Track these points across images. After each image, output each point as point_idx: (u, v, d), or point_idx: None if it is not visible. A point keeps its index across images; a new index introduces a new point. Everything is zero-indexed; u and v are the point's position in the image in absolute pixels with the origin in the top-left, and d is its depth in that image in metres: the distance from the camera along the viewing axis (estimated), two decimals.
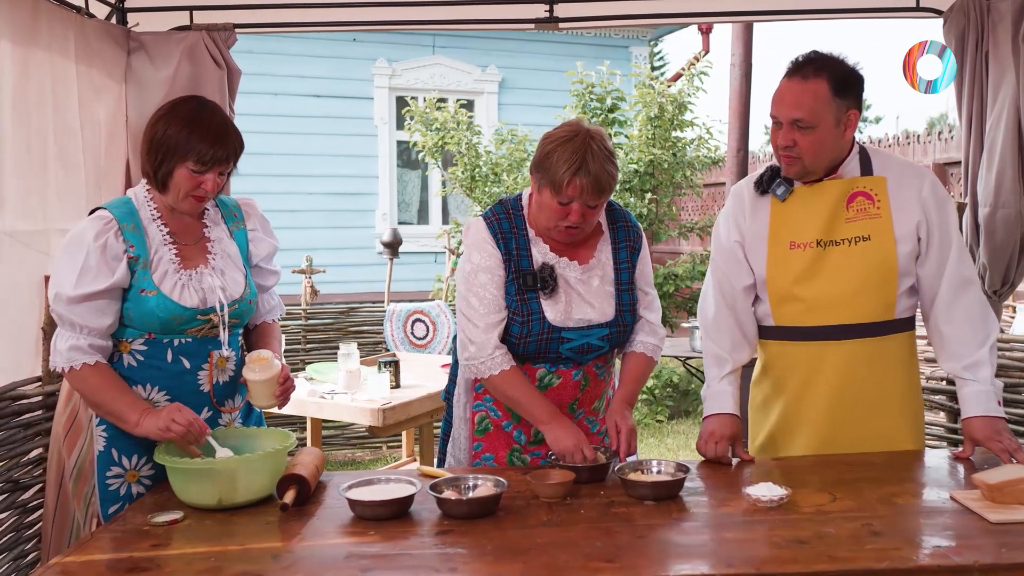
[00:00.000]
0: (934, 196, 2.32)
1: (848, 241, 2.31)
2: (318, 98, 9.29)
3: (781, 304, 2.37)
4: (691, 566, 1.66)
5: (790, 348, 2.39)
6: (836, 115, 2.24)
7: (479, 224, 2.36)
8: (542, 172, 2.22)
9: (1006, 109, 2.86)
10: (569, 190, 2.18)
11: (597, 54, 9.40)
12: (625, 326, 2.38)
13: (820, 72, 2.23)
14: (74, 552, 1.82)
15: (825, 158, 2.30)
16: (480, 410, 2.41)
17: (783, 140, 2.27)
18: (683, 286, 7.35)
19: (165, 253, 2.17)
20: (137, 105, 3.09)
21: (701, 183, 8.30)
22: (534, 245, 2.33)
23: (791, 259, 2.34)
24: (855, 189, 2.32)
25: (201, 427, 2.10)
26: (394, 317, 5.82)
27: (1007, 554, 1.67)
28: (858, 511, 1.91)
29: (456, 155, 7.49)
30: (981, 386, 2.27)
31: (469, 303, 2.31)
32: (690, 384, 7.47)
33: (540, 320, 2.28)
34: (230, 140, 2.17)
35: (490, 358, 2.28)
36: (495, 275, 2.30)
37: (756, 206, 2.42)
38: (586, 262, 2.35)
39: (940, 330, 2.34)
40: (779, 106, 2.27)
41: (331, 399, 4.01)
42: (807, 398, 2.37)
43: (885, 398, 2.34)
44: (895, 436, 2.36)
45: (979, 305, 2.33)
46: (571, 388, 2.36)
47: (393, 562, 1.72)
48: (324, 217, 9.00)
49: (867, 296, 2.30)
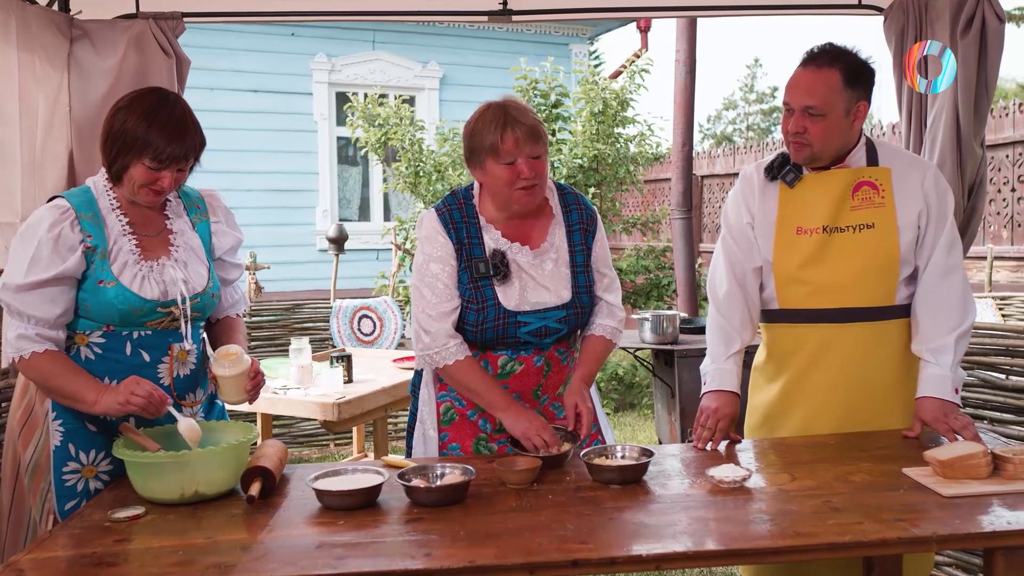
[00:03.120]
0: (936, 187, 2.40)
1: (853, 228, 2.38)
2: (256, 93, 9.15)
3: (786, 287, 2.44)
4: (663, 545, 1.69)
5: (793, 330, 2.46)
6: (846, 105, 2.32)
7: (431, 215, 2.38)
8: (476, 150, 2.27)
9: (946, 106, 2.97)
10: (506, 145, 2.22)
11: (538, 51, 9.46)
12: (582, 307, 2.40)
13: (834, 63, 2.30)
14: (33, 550, 1.77)
15: (833, 146, 2.37)
16: (445, 400, 2.42)
17: (794, 126, 2.34)
18: (627, 280, 7.44)
19: (125, 244, 2.13)
20: (81, 95, 2.99)
21: (643, 179, 8.42)
22: (486, 232, 2.35)
23: (798, 244, 2.41)
24: (861, 179, 2.40)
25: (161, 396, 2.05)
26: (340, 313, 5.77)
27: (961, 525, 1.75)
28: (817, 489, 1.97)
29: (399, 151, 7.45)
30: (940, 370, 2.35)
31: (422, 294, 2.32)
32: (635, 377, 7.56)
33: (495, 306, 2.30)
34: (188, 137, 2.11)
35: (444, 348, 2.29)
36: (447, 265, 2.32)
37: (765, 191, 2.48)
38: (537, 246, 2.38)
39: (917, 314, 2.42)
40: (792, 93, 2.34)
41: (284, 395, 3.96)
42: (807, 379, 2.44)
43: (883, 381, 2.42)
44: (887, 421, 2.43)
45: (958, 294, 2.40)
46: (534, 374, 2.38)
47: (366, 550, 1.72)
48: (263, 214, 8.86)
49: (869, 282, 2.38)
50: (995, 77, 3.00)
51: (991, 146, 7.24)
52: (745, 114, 33.52)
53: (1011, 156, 7.33)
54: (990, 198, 7.45)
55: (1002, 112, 7.32)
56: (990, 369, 3.27)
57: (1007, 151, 7.35)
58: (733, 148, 10.64)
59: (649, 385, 7.25)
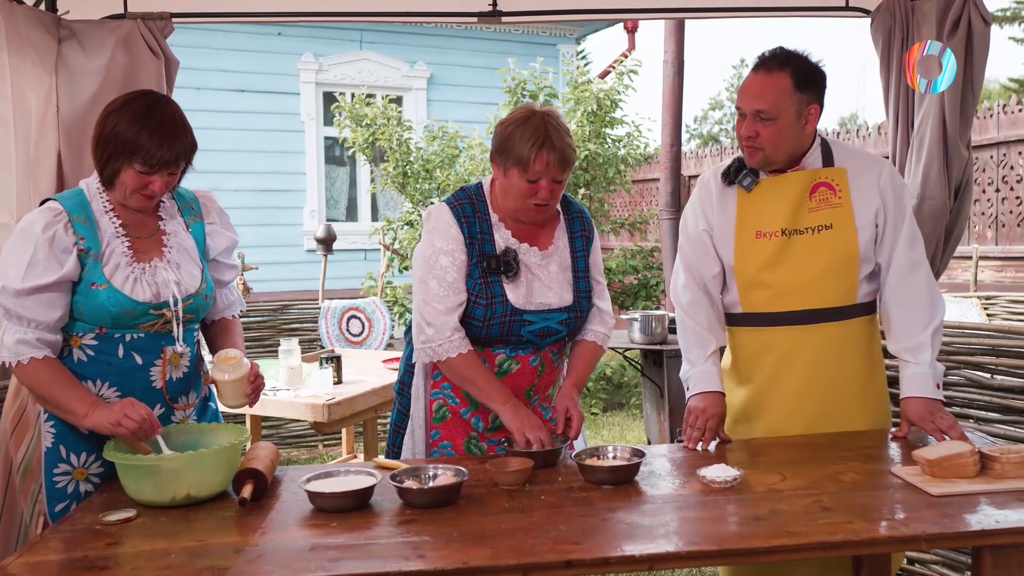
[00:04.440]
0: (891, 184, 2.42)
1: (811, 230, 2.39)
2: (243, 93, 9.11)
3: (749, 291, 2.45)
4: (656, 545, 1.70)
5: (758, 334, 2.47)
6: (797, 108, 2.33)
7: (443, 209, 2.37)
8: (506, 154, 2.26)
9: (933, 107, 2.99)
10: (536, 165, 2.22)
11: (526, 51, 9.46)
12: (582, 311, 2.43)
13: (784, 66, 2.31)
14: (24, 554, 1.76)
15: (786, 149, 2.37)
16: (438, 398, 2.42)
17: (746, 131, 2.35)
18: (615, 280, 7.46)
19: (117, 246, 2.12)
20: (69, 96, 2.97)
21: (631, 179, 8.44)
22: (496, 230, 2.36)
23: (757, 247, 2.42)
24: (817, 180, 2.41)
25: (153, 424, 2.04)
26: (329, 314, 5.76)
27: (950, 523, 1.76)
28: (808, 489, 1.99)
29: (387, 151, 7.44)
30: (921, 368, 2.37)
31: (428, 286, 2.32)
32: (623, 377, 7.58)
33: (503, 303, 2.31)
34: (179, 141, 2.10)
35: (448, 340, 2.30)
36: (456, 259, 2.32)
37: (723, 196, 2.49)
38: (545, 248, 2.40)
39: (888, 313, 2.44)
40: (744, 97, 2.35)
41: (273, 396, 3.95)
42: (774, 382, 2.44)
43: (848, 380, 2.43)
44: (856, 417, 2.45)
45: (926, 288, 2.42)
46: (528, 374, 2.39)
47: (360, 551, 1.72)
48: (251, 215, 8.81)
49: (830, 282, 2.39)
50: (981, 79, 3.03)
51: (976, 147, 7.30)
52: (731, 114, 33.62)
53: (995, 157, 7.39)
54: (975, 199, 7.51)
55: (986, 113, 7.38)
56: (976, 368, 3.30)
57: (991, 152, 7.41)
58: (720, 148, 10.69)
59: (638, 385, 7.27)
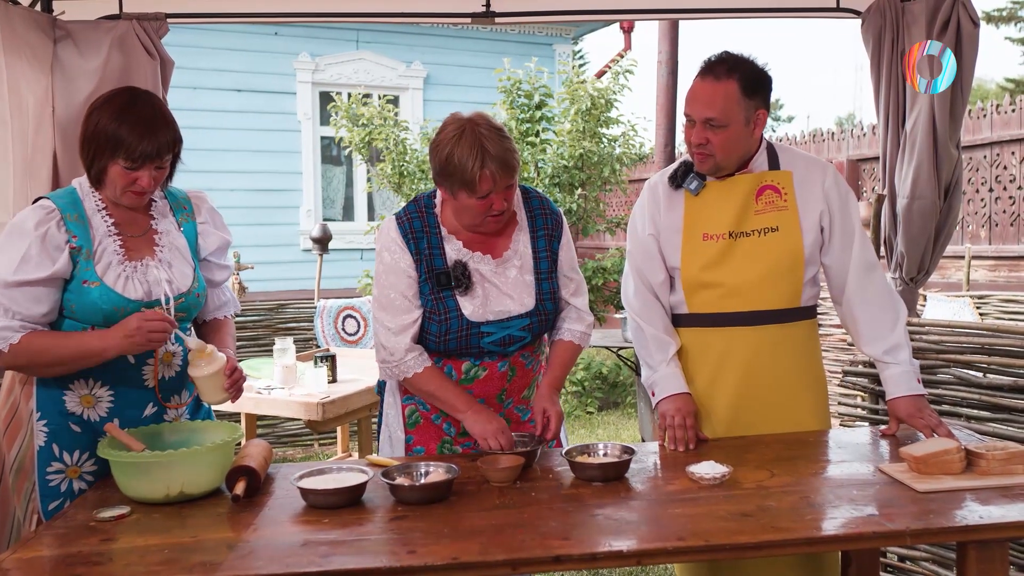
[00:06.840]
0: (836, 188, 2.44)
1: (758, 232, 2.41)
2: (239, 92, 9.12)
3: (695, 292, 2.46)
4: (643, 540, 1.72)
5: (702, 335, 2.47)
6: (746, 115, 2.34)
7: (390, 224, 2.35)
8: (450, 179, 2.21)
9: (924, 108, 3.01)
10: (483, 185, 2.18)
11: (522, 51, 9.48)
12: (547, 314, 2.39)
13: (731, 73, 2.31)
14: (18, 550, 1.78)
15: (736, 155, 2.39)
16: (409, 404, 2.42)
17: (696, 138, 2.35)
18: (611, 279, 7.47)
19: (109, 244, 2.13)
20: (65, 96, 2.98)
21: (626, 179, 8.46)
22: (447, 242, 2.33)
23: (703, 249, 2.43)
24: (763, 183, 2.43)
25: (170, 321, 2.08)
26: (325, 313, 5.77)
27: (935, 519, 1.79)
28: (795, 485, 2.01)
29: (383, 151, 7.45)
30: (902, 367, 2.40)
31: (380, 305, 2.31)
32: (618, 376, 7.60)
33: (458, 317, 2.28)
34: (161, 134, 2.09)
35: (402, 362, 2.29)
36: (404, 276, 2.30)
37: (671, 200, 2.49)
38: (500, 255, 2.35)
39: (854, 315, 2.46)
40: (692, 105, 2.35)
41: (268, 395, 3.97)
42: (718, 383, 2.46)
43: (790, 382, 2.45)
44: (799, 418, 2.46)
45: (886, 287, 2.46)
46: (498, 379, 2.37)
47: (351, 547, 1.74)
48: (247, 214, 8.82)
49: (775, 284, 2.41)
50: (970, 80, 3.06)
51: (969, 147, 7.33)
52: None
53: (988, 156, 7.42)
54: (968, 198, 7.54)
55: (980, 113, 7.41)
56: (967, 367, 3.32)
57: (984, 151, 7.44)
58: None
59: (632, 384, 7.29)
